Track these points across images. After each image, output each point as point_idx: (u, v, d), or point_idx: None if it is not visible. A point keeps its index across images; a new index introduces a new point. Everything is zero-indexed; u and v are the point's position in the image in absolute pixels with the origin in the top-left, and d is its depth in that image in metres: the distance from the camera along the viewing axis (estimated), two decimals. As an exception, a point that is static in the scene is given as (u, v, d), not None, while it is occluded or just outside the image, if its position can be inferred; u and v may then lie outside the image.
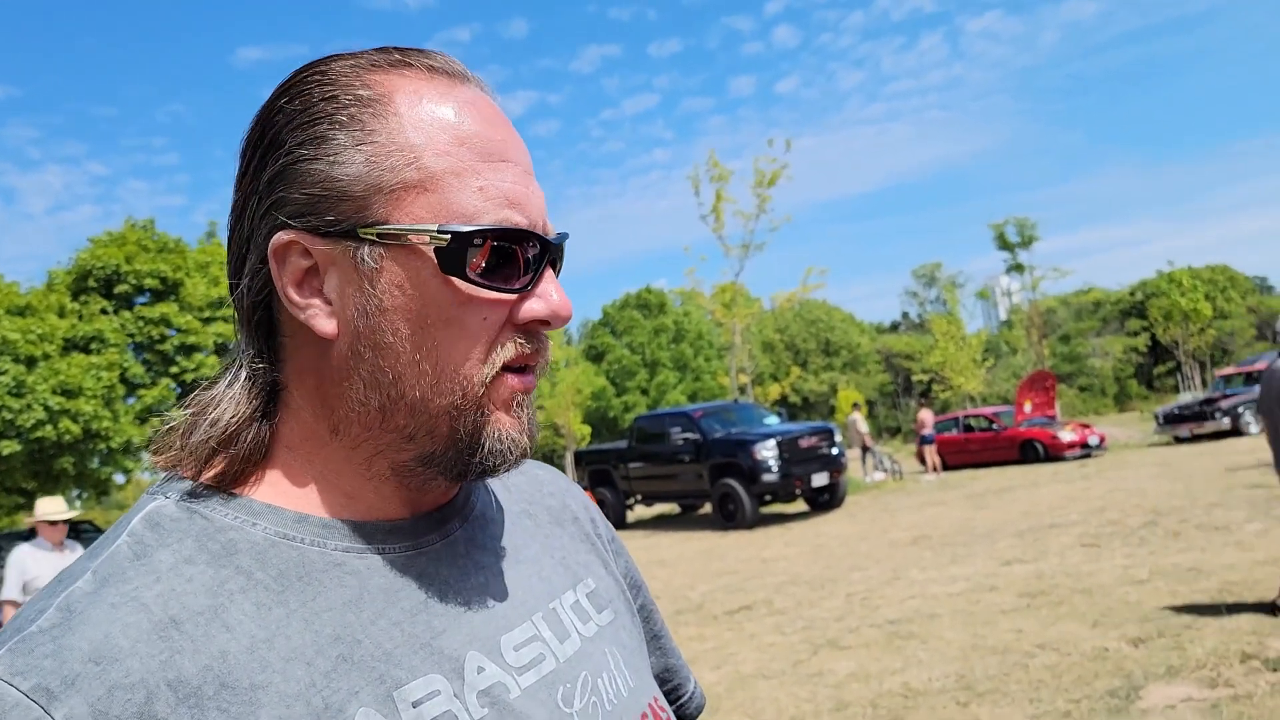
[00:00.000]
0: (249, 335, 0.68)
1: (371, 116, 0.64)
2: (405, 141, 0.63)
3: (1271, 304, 60.07)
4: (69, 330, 23.95)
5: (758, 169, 24.05)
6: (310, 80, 0.66)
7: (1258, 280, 70.53)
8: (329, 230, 0.63)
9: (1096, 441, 20.70)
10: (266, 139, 0.65)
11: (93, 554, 0.62)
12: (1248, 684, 4.59)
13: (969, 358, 39.20)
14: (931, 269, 76.45)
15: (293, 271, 0.64)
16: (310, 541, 0.65)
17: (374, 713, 0.60)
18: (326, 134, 0.63)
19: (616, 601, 0.85)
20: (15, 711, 0.51)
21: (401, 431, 0.66)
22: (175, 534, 0.62)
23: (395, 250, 0.63)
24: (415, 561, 0.68)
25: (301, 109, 0.64)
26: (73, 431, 22.57)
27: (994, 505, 13.87)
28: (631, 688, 0.77)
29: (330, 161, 0.63)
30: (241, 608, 0.60)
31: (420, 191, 0.63)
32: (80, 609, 0.56)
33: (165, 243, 26.75)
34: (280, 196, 0.64)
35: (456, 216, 0.63)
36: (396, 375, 0.64)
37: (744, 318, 26.70)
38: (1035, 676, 5.22)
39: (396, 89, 0.65)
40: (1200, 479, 12.94)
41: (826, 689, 5.66)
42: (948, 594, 7.85)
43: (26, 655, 0.54)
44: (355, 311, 0.64)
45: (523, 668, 0.69)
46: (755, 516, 15.56)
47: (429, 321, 0.64)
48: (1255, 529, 8.52)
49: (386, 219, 0.63)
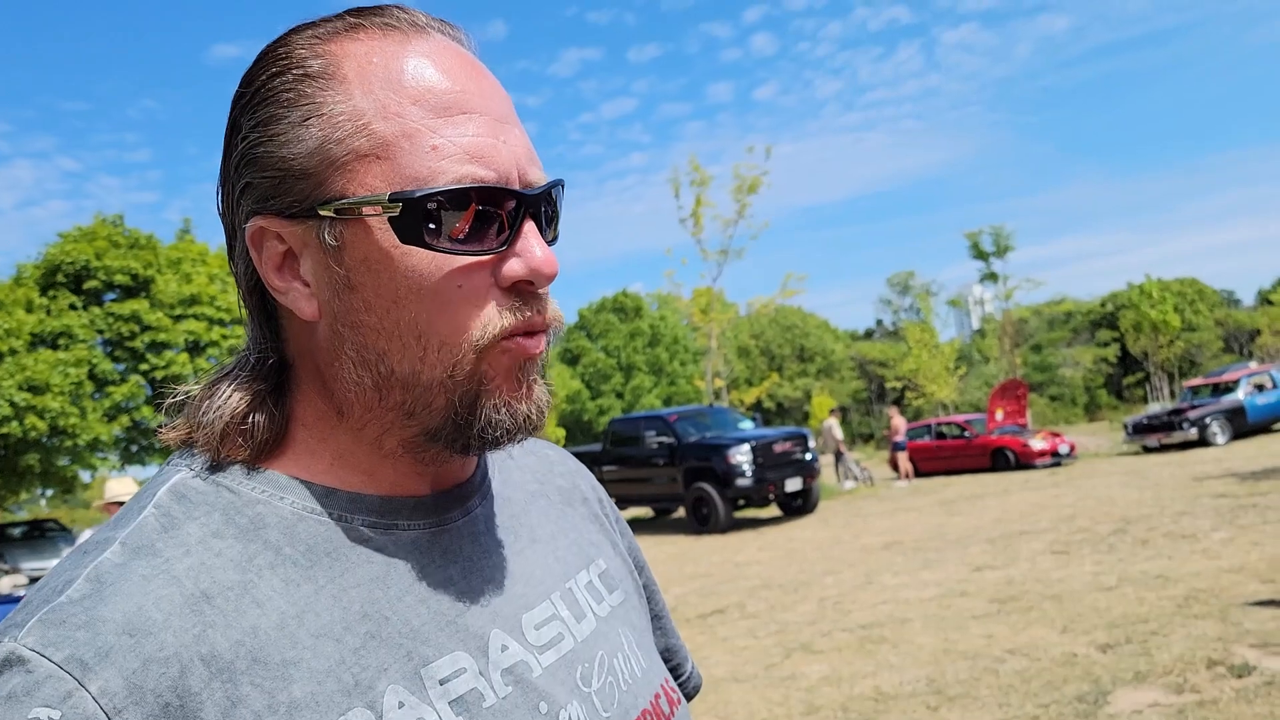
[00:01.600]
0: (254, 318, 0.67)
1: (318, 89, 0.61)
2: (353, 109, 0.60)
3: (1238, 317, 60.98)
4: (36, 326, 23.61)
5: (738, 175, 24.11)
6: (266, 60, 0.64)
7: (1225, 294, 71.60)
8: (293, 212, 0.61)
9: (1067, 450, 20.89)
10: (229, 126, 0.64)
11: (116, 525, 0.61)
12: (1213, 690, 4.64)
13: (942, 366, 39.47)
14: (906, 277, 77.04)
15: (271, 257, 0.63)
16: (337, 516, 0.64)
17: (403, 689, 0.59)
18: (276, 114, 0.61)
19: (626, 582, 0.85)
20: (48, 684, 0.50)
21: (401, 408, 0.64)
22: (203, 507, 0.61)
23: (353, 225, 0.60)
24: (439, 538, 0.68)
25: (254, 91, 0.63)
26: (39, 428, 22.26)
27: (966, 512, 13.96)
28: (645, 668, 0.77)
29: (281, 142, 0.61)
30: (271, 584, 0.59)
31: (373, 160, 0.60)
32: (111, 580, 0.56)
33: (136, 239, 26.43)
34: (247, 182, 0.63)
35: (411, 181, 0.59)
36: (381, 352, 0.62)
37: (720, 323, 26.75)
38: (1005, 681, 5.26)
39: (346, 55, 0.62)
40: (1168, 488, 13.09)
41: (798, 692, 5.67)
42: (919, 599, 7.89)
43: (58, 626, 0.53)
44: (329, 292, 0.62)
45: (543, 646, 0.68)
46: (729, 521, 15.58)
47: (401, 295, 0.61)
48: (1221, 537, 8.63)
49: (342, 193, 0.60)
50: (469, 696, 0.62)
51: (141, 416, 25.69)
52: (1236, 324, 59.54)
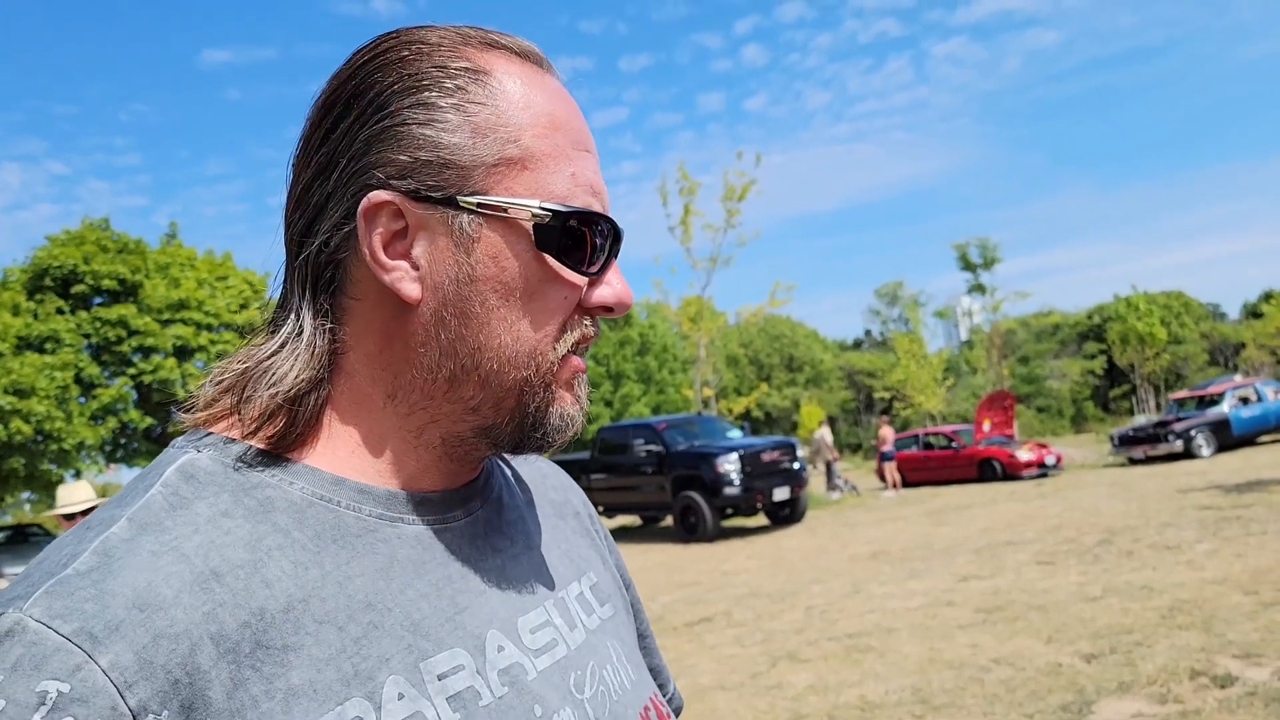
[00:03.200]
0: (313, 294, 0.66)
1: (479, 89, 0.64)
2: (510, 119, 0.64)
3: (1224, 330, 61.33)
4: (23, 329, 23.48)
5: (727, 182, 24.16)
6: (410, 47, 0.66)
7: (1211, 307, 72.02)
8: (428, 195, 0.63)
9: (1053, 461, 20.97)
10: (365, 100, 0.64)
11: (121, 503, 0.60)
12: (1197, 700, 4.67)
13: (930, 376, 39.60)
14: (894, 288, 77.22)
15: (383, 232, 0.64)
16: (346, 505, 0.64)
17: (403, 681, 0.60)
18: (435, 101, 0.64)
19: (615, 597, 0.86)
20: (56, 657, 0.50)
21: (466, 402, 0.67)
22: (211, 487, 0.61)
23: (494, 222, 0.64)
24: (441, 536, 0.69)
25: (409, 75, 0.64)
26: (24, 432, 22.11)
27: (952, 522, 14.00)
28: (634, 680, 0.78)
29: (438, 129, 0.63)
30: (280, 564, 0.59)
31: (520, 169, 0.64)
32: (120, 554, 0.55)
33: (125, 243, 26.34)
34: (379, 157, 0.63)
35: (551, 197, 0.65)
36: (477, 345, 0.65)
37: (709, 331, 26.78)
38: (990, 690, 5.28)
39: (501, 68, 0.66)
40: (1153, 499, 13.15)
41: (784, 701, 5.68)
42: (905, 608, 7.91)
43: (66, 598, 0.52)
44: (446, 278, 0.64)
45: (538, 650, 0.69)
46: (716, 529, 15.58)
47: (516, 295, 0.65)
48: (1205, 549, 8.68)
49: (487, 190, 0.64)
50: (466, 694, 0.62)
51: (129, 419, 25.56)
52: (1222, 337, 59.85)
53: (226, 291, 27.43)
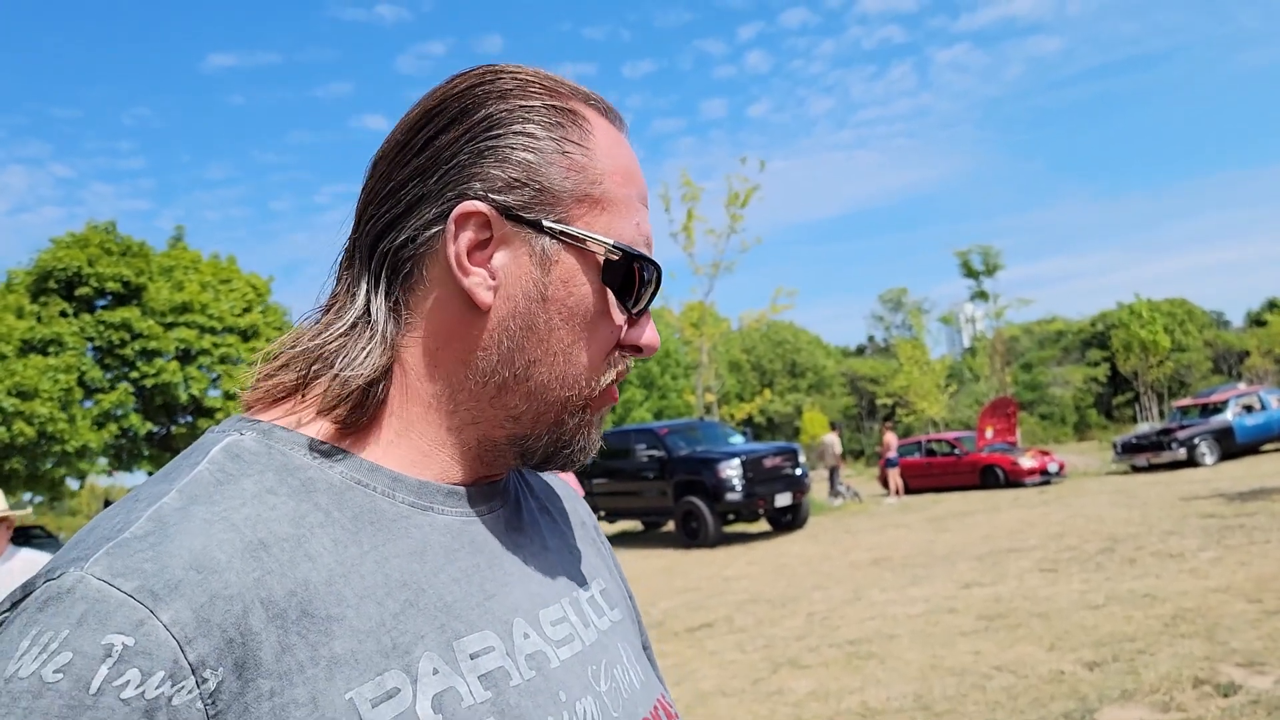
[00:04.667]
0: (387, 284, 0.71)
1: (576, 132, 0.72)
2: (597, 163, 0.72)
3: (1227, 338, 61.28)
4: (27, 332, 23.51)
5: (730, 187, 24.17)
6: (511, 79, 0.72)
7: (1214, 315, 71.92)
8: (518, 214, 0.69)
9: (1056, 469, 20.95)
10: (475, 118, 0.70)
11: (167, 478, 0.63)
12: (1199, 708, 4.66)
13: (933, 383, 39.55)
14: (898, 294, 77.24)
15: (469, 239, 0.69)
16: (381, 491, 0.68)
17: (437, 658, 0.63)
18: (538, 133, 0.70)
19: (622, 604, 0.89)
20: (120, 612, 0.52)
21: (510, 410, 0.72)
22: (256, 466, 0.65)
23: (571, 250, 0.70)
24: (469, 527, 0.72)
25: (521, 105, 0.71)
26: (27, 434, 22.13)
27: (954, 529, 13.98)
28: (643, 681, 0.81)
29: (538, 157, 0.70)
30: (321, 541, 0.62)
31: (600, 209, 0.72)
32: (174, 521, 0.58)
33: (129, 246, 26.37)
34: (481, 171, 0.69)
35: (620, 239, 0.72)
36: (533, 359, 0.71)
37: (711, 337, 26.77)
38: (992, 698, 5.26)
39: (591, 118, 0.74)
40: (1156, 507, 13.13)
41: (786, 707, 5.67)
42: (907, 615, 7.90)
43: (126, 558, 0.55)
44: (520, 291, 0.70)
45: (559, 642, 0.73)
46: (718, 535, 15.56)
47: (576, 320, 0.71)
48: (1209, 557, 8.66)
49: (570, 221, 0.70)
50: (496, 673, 0.65)
51: (130, 424, 25.58)
52: (1226, 345, 59.82)
53: (230, 295, 27.46)
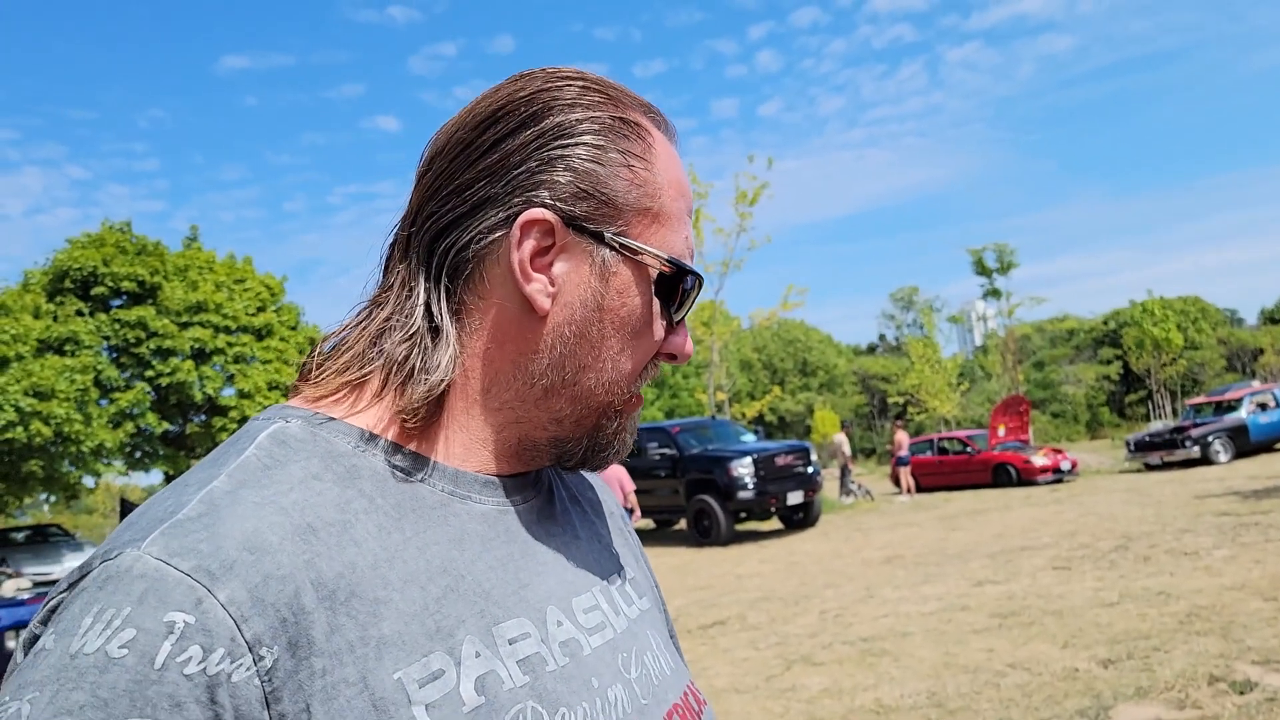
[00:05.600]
0: (449, 283, 0.72)
1: (641, 146, 0.74)
2: (656, 177, 0.74)
3: (1241, 336, 60.91)
4: (43, 331, 23.64)
5: (739, 186, 24.18)
6: (575, 86, 0.73)
7: (1228, 312, 71.50)
8: (582, 224, 0.71)
9: (1068, 467, 20.87)
10: (546, 124, 0.71)
11: (215, 463, 0.65)
12: (1215, 706, 4.66)
13: (944, 381, 39.47)
14: (909, 292, 77.07)
15: (532, 245, 0.70)
16: (421, 479, 0.70)
17: (478, 641, 0.65)
18: (607, 145, 0.72)
19: (650, 593, 0.91)
20: (178, 589, 0.54)
21: (554, 413, 0.74)
22: (303, 452, 0.66)
23: (630, 262, 0.72)
24: (503, 516, 0.74)
25: (593, 116, 0.72)
26: (44, 434, 22.25)
27: (967, 527, 13.96)
28: (673, 668, 0.83)
29: (607, 169, 0.71)
30: (365, 527, 0.64)
31: (656, 222, 0.73)
32: (226, 504, 0.60)
33: (144, 245, 26.51)
34: (550, 178, 0.70)
35: (672, 252, 0.74)
36: (583, 364, 0.72)
37: (722, 336, 26.77)
38: (1006, 695, 5.27)
39: (652, 132, 0.75)
40: (1170, 505, 13.08)
41: (799, 704, 5.69)
42: (920, 613, 7.90)
43: (182, 538, 0.56)
44: (578, 300, 0.71)
45: (591, 630, 0.74)
46: (730, 533, 15.58)
47: (628, 328, 0.73)
48: (1223, 555, 8.63)
49: (629, 234, 0.72)
50: (534, 659, 0.67)
51: (146, 423, 25.72)
52: (1239, 343, 59.46)
53: (244, 294, 27.58)
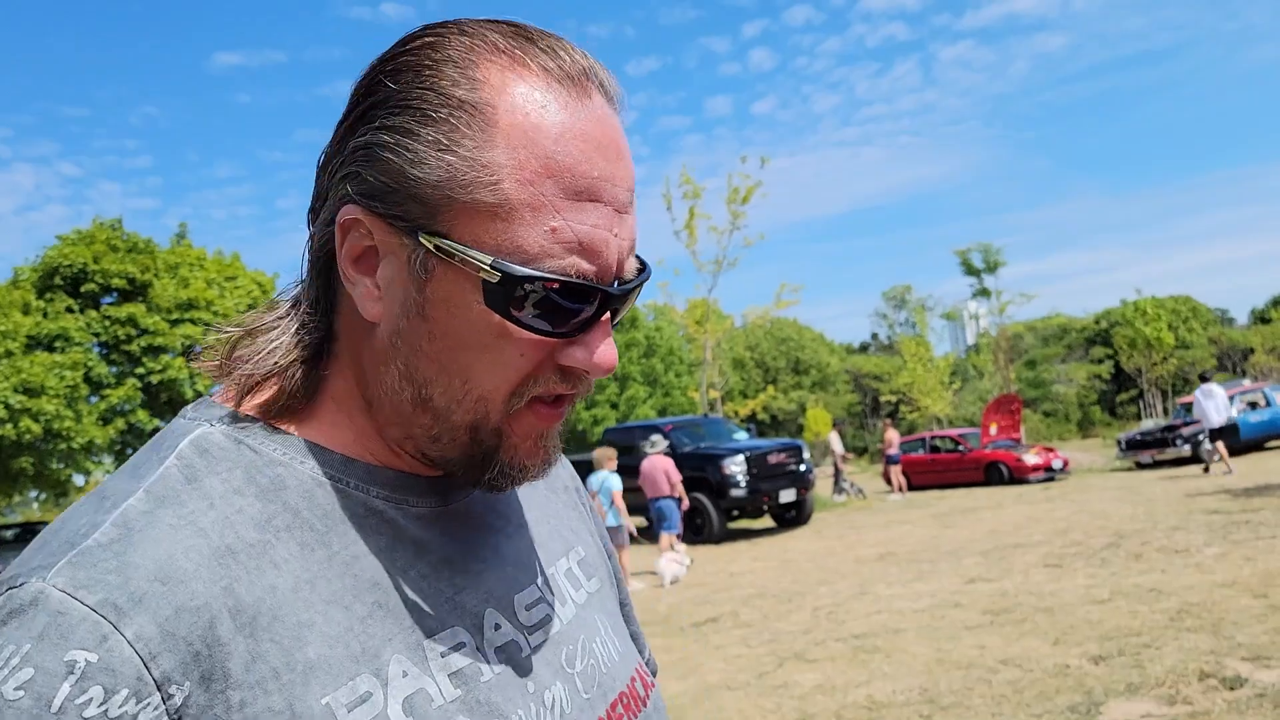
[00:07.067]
0: (311, 281, 0.68)
1: (464, 123, 0.59)
2: (491, 159, 0.59)
3: (1232, 335, 61.08)
4: (33, 328, 23.57)
5: (732, 185, 24.17)
6: (421, 53, 0.61)
7: (1219, 312, 71.73)
8: (394, 223, 0.61)
9: (1060, 465, 20.93)
10: (363, 106, 0.62)
11: (136, 474, 0.61)
12: (1205, 701, 4.67)
13: (936, 380, 39.56)
14: (902, 291, 77.09)
15: (354, 247, 0.63)
16: (354, 486, 0.66)
17: (406, 659, 0.62)
18: (414, 129, 0.60)
19: (601, 569, 0.88)
20: (83, 627, 0.51)
21: (428, 430, 0.66)
22: (225, 462, 0.62)
23: (448, 266, 0.60)
24: (440, 518, 0.70)
25: (400, 90, 0.60)
26: (33, 431, 22.19)
27: (959, 525, 13.98)
28: (621, 652, 0.81)
29: (410, 158, 0.59)
30: (287, 546, 0.61)
31: (490, 217, 0.59)
32: (140, 527, 0.56)
33: (135, 243, 26.44)
34: (357, 171, 0.61)
35: (517, 252, 0.59)
36: (427, 379, 0.64)
37: (715, 334, 26.77)
38: (998, 691, 5.28)
39: (502, 92, 0.60)
40: (1161, 503, 13.12)
41: (791, 700, 5.69)
42: (913, 610, 7.91)
43: (89, 569, 0.53)
44: (399, 308, 0.63)
45: (532, 627, 0.72)
46: (723, 531, 15.60)
47: (466, 343, 0.62)
48: (1214, 552, 8.66)
49: (448, 233, 0.59)
50: (467, 670, 0.64)
51: (136, 420, 25.63)
52: (1230, 342, 59.59)
53: (235, 292, 27.51)
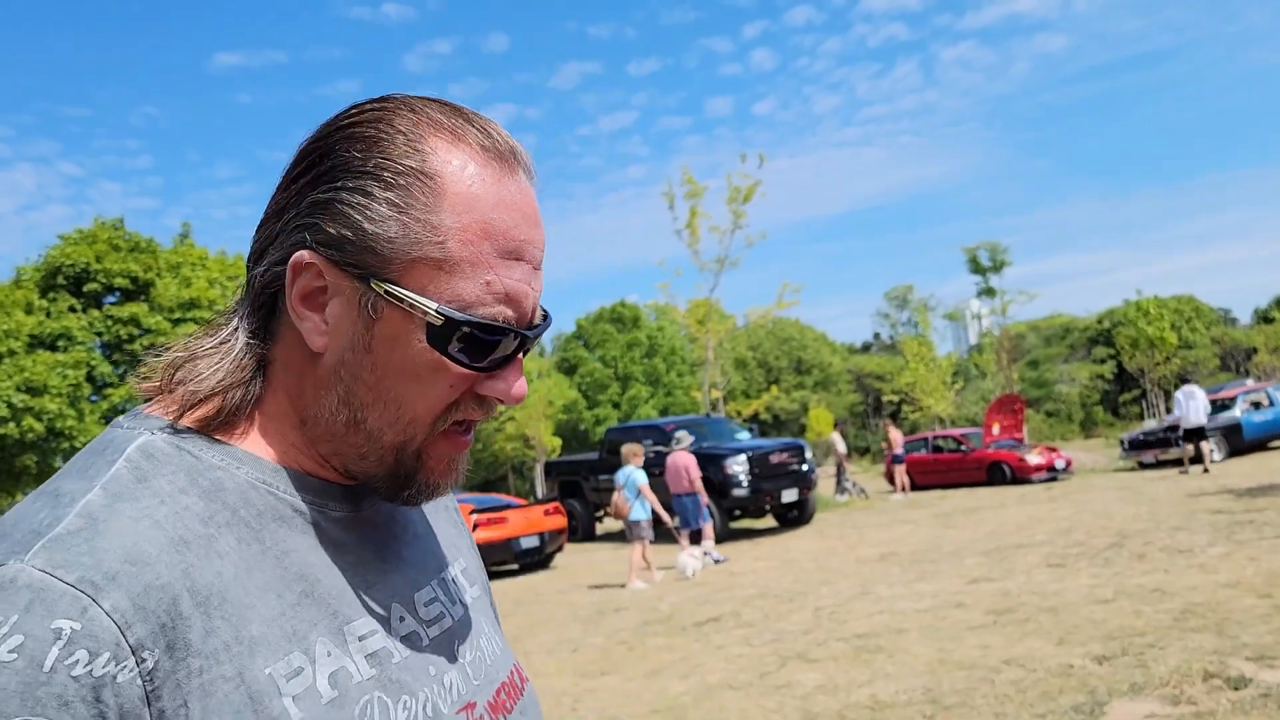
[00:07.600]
0: (252, 313, 0.76)
1: (418, 190, 0.70)
2: (439, 222, 0.70)
3: (1235, 335, 61.03)
4: (36, 327, 23.60)
5: (732, 184, 24.16)
6: (377, 126, 0.71)
7: (1221, 312, 71.64)
8: (347, 270, 0.71)
9: (1063, 465, 20.90)
10: (322, 167, 0.72)
11: (85, 475, 0.68)
12: (1210, 701, 4.65)
13: (939, 380, 39.49)
14: (904, 291, 77.14)
15: (303, 286, 0.72)
16: (284, 491, 0.75)
17: (329, 642, 0.71)
18: (374, 191, 0.70)
19: (479, 580, 0.98)
20: (64, 599, 0.58)
21: (357, 448, 0.76)
22: (169, 466, 0.70)
23: (395, 309, 0.71)
24: (354, 523, 0.80)
25: (359, 158, 0.70)
26: (36, 429, 22.21)
27: (962, 525, 13.96)
28: (501, 648, 0.91)
29: (369, 217, 0.69)
30: (227, 540, 0.69)
31: (435, 269, 0.70)
32: (104, 518, 0.63)
33: (137, 242, 26.47)
34: (315, 222, 0.71)
35: (456, 299, 0.70)
36: (364, 404, 0.74)
37: (717, 333, 26.76)
38: (1001, 691, 5.26)
39: (447, 166, 0.71)
40: (1164, 503, 13.10)
41: (794, 700, 5.67)
42: (915, 610, 7.89)
43: (64, 552, 0.60)
44: (346, 343, 0.72)
45: (430, 621, 0.82)
46: (725, 531, 15.56)
47: (405, 375, 0.72)
48: (1217, 552, 8.64)
49: (398, 281, 0.70)
50: (380, 653, 0.74)
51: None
52: (1233, 342, 59.58)
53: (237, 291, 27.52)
